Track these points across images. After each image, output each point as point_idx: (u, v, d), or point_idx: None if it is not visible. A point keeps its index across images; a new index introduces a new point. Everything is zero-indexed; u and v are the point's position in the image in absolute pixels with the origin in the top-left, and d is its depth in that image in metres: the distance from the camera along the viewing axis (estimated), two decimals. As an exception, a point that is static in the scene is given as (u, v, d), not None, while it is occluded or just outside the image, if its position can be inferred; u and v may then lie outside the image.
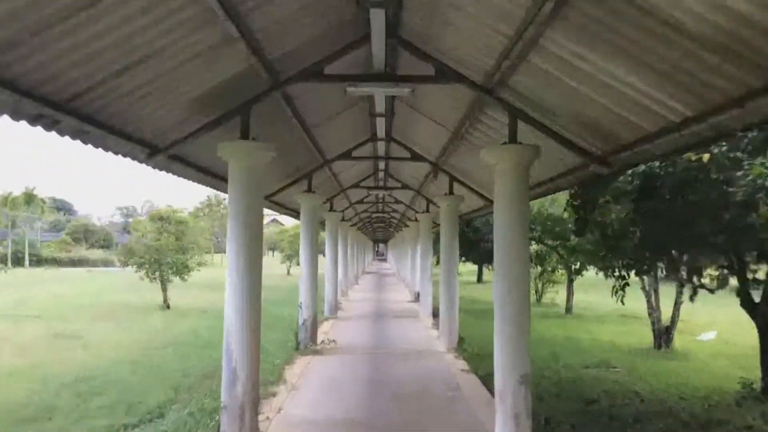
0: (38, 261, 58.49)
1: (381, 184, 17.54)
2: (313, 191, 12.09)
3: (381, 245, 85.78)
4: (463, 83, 6.64)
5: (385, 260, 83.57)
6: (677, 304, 13.53)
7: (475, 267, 44.37)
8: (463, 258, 38.23)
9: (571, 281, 20.71)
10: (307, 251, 12.55)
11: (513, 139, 6.43)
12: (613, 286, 9.56)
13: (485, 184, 11.14)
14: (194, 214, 34.54)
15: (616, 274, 9.64)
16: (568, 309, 20.81)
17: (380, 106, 8.58)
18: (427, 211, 18.11)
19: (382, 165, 14.64)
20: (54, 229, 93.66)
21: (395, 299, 25.42)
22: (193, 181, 7.60)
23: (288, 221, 55.95)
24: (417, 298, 23.55)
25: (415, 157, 12.09)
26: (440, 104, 8.62)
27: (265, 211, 8.84)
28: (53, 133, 4.51)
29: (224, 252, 35.27)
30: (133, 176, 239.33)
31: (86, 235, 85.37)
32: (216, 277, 38.18)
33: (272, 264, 58.27)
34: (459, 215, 13.06)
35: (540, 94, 5.99)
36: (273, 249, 61.27)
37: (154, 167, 6.49)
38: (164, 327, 16.77)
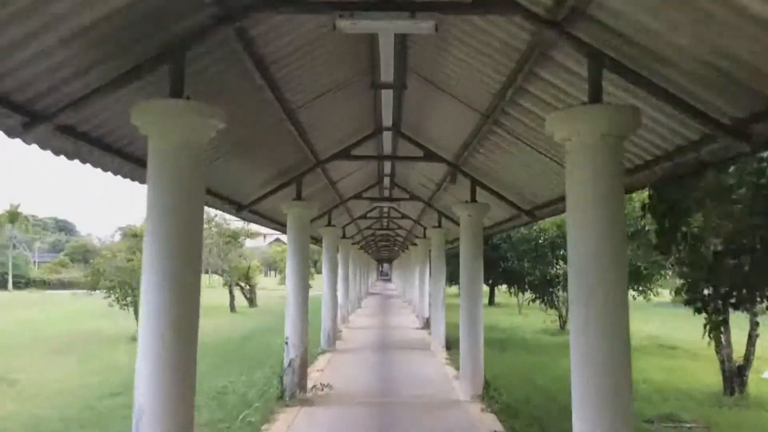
0: (26, 283, 56.00)
1: (386, 194, 15.48)
2: (303, 199, 9.77)
3: (385, 265, 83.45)
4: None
5: (389, 281, 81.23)
6: (752, 339, 10.94)
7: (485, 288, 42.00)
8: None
9: None
10: (297, 272, 9.88)
11: (597, 97, 4.16)
12: (706, 323, 7.06)
13: (519, 188, 9.32)
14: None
15: (702, 305, 7.08)
16: (564, 324, 17.99)
17: (386, 71, 6.22)
18: (439, 226, 15.75)
19: (387, 169, 12.77)
20: (54, 249, 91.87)
21: (402, 325, 22.86)
22: (93, 166, 4.86)
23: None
24: (426, 324, 21.11)
25: (429, 156, 9.89)
26: (470, 67, 6.14)
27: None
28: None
29: (218, 273, 32.80)
30: (138, 195, 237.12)
31: (86, 255, 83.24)
32: (210, 300, 36.07)
33: (269, 284, 55.87)
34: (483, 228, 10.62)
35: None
36: (274, 269, 58.99)
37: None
38: (128, 363, 14.19)
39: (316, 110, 7.61)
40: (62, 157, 4.33)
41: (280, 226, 11.74)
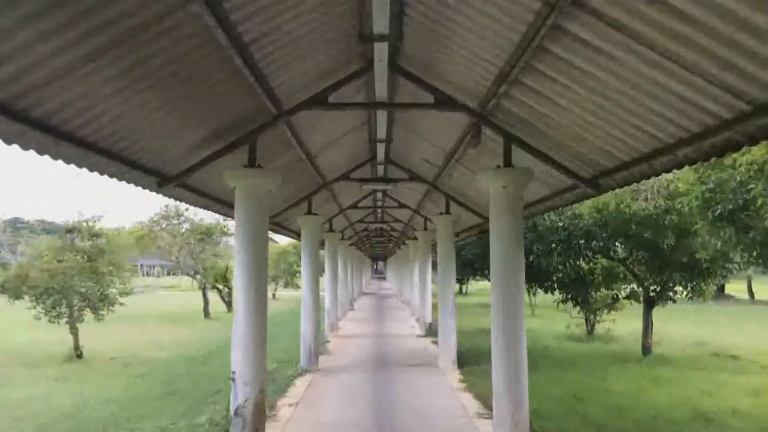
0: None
1: (381, 173, 13.31)
2: (258, 166, 6.99)
3: (380, 263, 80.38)
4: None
5: (384, 279, 77.96)
6: None
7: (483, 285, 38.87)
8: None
9: (649, 307, 14.83)
10: (249, 273, 6.72)
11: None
12: None
13: (576, 147, 7.54)
14: (149, 227, 28.18)
15: None
16: (646, 348, 14.40)
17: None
18: (447, 212, 12.57)
19: (382, 132, 10.03)
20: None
21: (400, 332, 19.62)
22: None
23: (282, 239, 49.63)
24: (430, 331, 17.95)
25: (442, 102, 7.28)
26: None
27: None
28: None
29: (189, 274, 29.03)
30: (143, 197, 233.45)
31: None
32: (181, 306, 32.35)
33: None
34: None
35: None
36: None
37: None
38: (48, 394, 10.90)
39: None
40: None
41: (226, 208, 8.54)
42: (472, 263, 29.51)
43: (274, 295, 42.35)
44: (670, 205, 11.45)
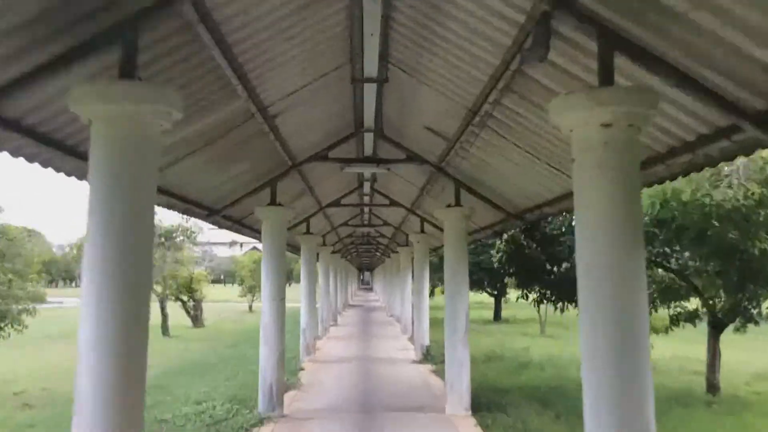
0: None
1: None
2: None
3: (367, 273, 77.44)
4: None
5: (371, 290, 75.76)
6: None
7: (482, 297, 35.49)
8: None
9: (717, 331, 10.98)
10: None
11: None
12: None
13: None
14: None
15: None
16: (712, 386, 10.92)
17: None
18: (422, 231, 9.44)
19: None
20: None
21: (391, 354, 16.38)
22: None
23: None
24: (427, 355, 14.77)
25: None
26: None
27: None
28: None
29: None
30: None
31: (47, 266, 75.95)
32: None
33: (229, 295, 48.22)
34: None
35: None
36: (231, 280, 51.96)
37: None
38: None
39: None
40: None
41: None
42: (470, 274, 26.46)
43: (250, 308, 39.30)
44: (766, 195, 8.30)
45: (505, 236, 15.28)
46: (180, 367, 14.78)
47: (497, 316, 30.58)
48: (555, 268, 13.93)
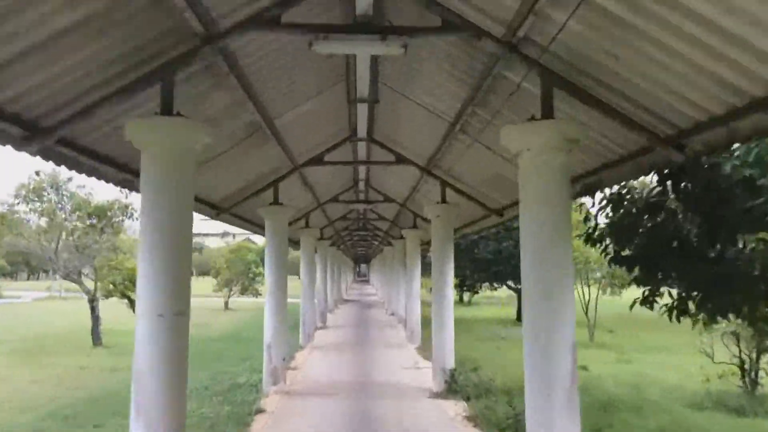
0: None
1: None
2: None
3: (362, 265, 76.52)
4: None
5: (367, 282, 74.47)
6: None
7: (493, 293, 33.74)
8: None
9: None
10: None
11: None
12: None
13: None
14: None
15: None
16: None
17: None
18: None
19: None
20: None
21: (397, 378, 11.90)
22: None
23: (260, 240, 41.18)
24: (453, 383, 10.59)
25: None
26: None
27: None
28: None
29: (72, 277, 19.11)
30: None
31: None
32: (60, 322, 21.24)
33: (202, 290, 30.08)
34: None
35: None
36: (205, 272, 44.45)
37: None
38: None
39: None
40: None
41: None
42: (488, 265, 24.54)
43: (226, 305, 33.96)
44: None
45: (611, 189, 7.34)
46: (98, 397, 10.26)
47: (521, 315, 26.31)
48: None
